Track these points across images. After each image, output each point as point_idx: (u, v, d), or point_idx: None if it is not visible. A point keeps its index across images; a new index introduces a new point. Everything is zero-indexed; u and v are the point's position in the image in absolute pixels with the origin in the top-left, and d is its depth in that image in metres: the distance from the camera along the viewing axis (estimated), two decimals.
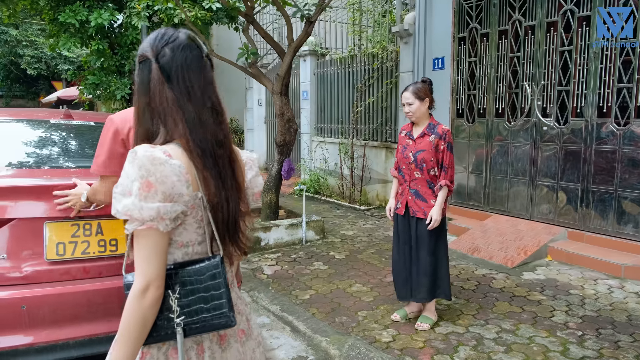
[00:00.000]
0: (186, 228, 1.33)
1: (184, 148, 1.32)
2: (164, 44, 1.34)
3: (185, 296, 1.30)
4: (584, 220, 5.32)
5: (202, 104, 1.35)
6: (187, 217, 1.32)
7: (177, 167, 1.27)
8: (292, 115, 6.07)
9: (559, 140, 5.50)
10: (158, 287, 1.25)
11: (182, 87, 1.33)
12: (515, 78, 5.96)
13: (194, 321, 1.30)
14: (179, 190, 1.27)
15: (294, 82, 10.65)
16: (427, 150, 3.49)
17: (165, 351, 1.33)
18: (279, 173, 6.08)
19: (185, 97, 1.33)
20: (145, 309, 1.24)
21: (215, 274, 1.32)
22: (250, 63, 5.87)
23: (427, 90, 3.58)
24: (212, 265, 1.32)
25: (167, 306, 1.29)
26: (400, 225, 3.70)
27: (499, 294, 4.32)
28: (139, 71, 1.36)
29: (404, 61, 7.29)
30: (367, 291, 4.45)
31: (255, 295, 4.48)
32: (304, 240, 5.96)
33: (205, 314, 1.31)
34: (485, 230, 5.86)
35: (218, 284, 1.31)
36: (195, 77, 1.35)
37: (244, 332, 1.49)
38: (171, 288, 1.29)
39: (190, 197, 1.29)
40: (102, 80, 10.49)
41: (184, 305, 1.30)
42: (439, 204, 3.47)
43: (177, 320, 1.29)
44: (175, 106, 1.32)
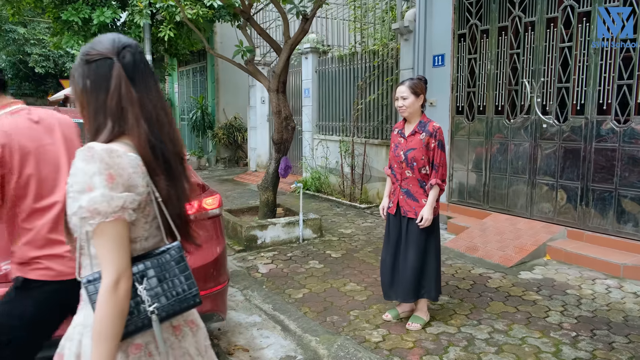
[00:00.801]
0: (134, 224, 1.35)
1: (135, 145, 1.35)
2: (123, 46, 1.39)
3: (153, 285, 1.36)
4: (583, 219, 5.24)
5: (157, 103, 1.42)
6: (137, 212, 1.35)
7: (134, 159, 1.33)
8: (289, 113, 6.03)
9: (559, 138, 5.42)
10: (129, 277, 1.30)
11: (142, 87, 1.39)
12: (515, 75, 5.88)
13: (166, 305, 1.37)
14: (135, 181, 1.32)
15: (296, 79, 10.63)
16: (418, 149, 3.44)
17: (125, 349, 1.34)
18: (276, 171, 6.06)
19: (146, 96, 1.39)
20: (121, 300, 1.27)
21: (178, 258, 1.40)
22: (247, 60, 5.84)
23: (423, 88, 3.52)
24: (174, 250, 1.40)
25: (136, 299, 1.33)
26: (392, 225, 3.66)
27: (494, 294, 4.26)
28: (91, 69, 1.37)
29: (404, 58, 7.23)
30: (360, 290, 4.41)
31: (249, 294, 4.46)
32: (301, 239, 5.93)
33: (176, 297, 1.38)
34: (484, 229, 5.80)
35: (184, 266, 1.41)
36: (151, 79, 1.43)
37: (194, 322, 1.55)
38: (137, 280, 1.34)
39: (144, 188, 1.34)
40: None
41: (154, 294, 1.35)
42: (429, 203, 3.42)
43: (150, 309, 1.33)
44: (138, 104, 1.36)
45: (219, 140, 13.62)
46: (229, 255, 5.46)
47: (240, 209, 6.79)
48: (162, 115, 1.41)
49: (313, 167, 9.48)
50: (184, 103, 16.53)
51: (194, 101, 14.92)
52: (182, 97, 16.76)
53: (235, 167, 14.05)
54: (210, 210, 3.11)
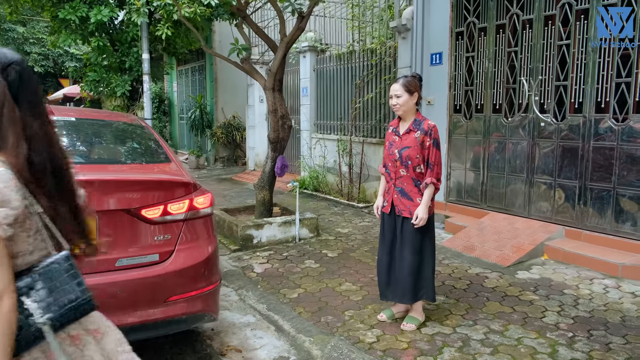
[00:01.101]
0: (14, 239, 1.34)
1: (11, 162, 1.34)
2: (8, 63, 1.38)
3: (43, 296, 1.36)
4: (581, 218, 5.20)
5: (42, 120, 1.43)
6: (15, 227, 1.33)
7: (3, 174, 1.30)
8: (285, 112, 6.00)
9: (557, 137, 5.38)
10: (11, 293, 1.28)
11: (27, 106, 1.39)
12: (512, 73, 5.84)
13: (60, 315, 1.36)
14: (7, 196, 1.29)
15: (294, 78, 10.59)
16: (413, 147, 3.40)
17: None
18: (273, 170, 6.02)
19: (30, 114, 1.39)
20: (7, 314, 1.26)
21: (67, 267, 1.40)
22: (242, 58, 5.80)
23: (417, 86, 3.47)
24: (62, 259, 1.40)
25: (25, 313, 1.32)
26: (386, 224, 3.62)
27: (491, 294, 4.22)
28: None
29: (402, 56, 7.19)
30: (356, 290, 4.38)
31: (244, 294, 4.43)
32: (298, 238, 5.89)
33: (69, 305, 1.38)
34: (481, 228, 5.76)
35: (74, 274, 1.41)
36: (37, 94, 1.44)
37: (98, 330, 1.55)
38: (24, 294, 1.34)
39: (19, 202, 1.32)
40: (102, 77, 10.50)
41: (46, 306, 1.35)
42: (424, 203, 3.38)
43: (42, 320, 1.33)
44: (21, 123, 1.36)
45: (218, 139, 13.59)
46: (224, 255, 5.43)
47: (237, 208, 6.76)
48: (46, 131, 1.42)
49: (311, 166, 9.44)
50: (182, 102, 16.49)
51: (192, 100, 14.89)
52: (181, 96, 16.73)
53: (234, 166, 14.01)
54: (201, 209, 3.07)
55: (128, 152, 3.45)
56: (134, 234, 2.80)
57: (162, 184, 2.95)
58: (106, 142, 3.51)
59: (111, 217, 2.73)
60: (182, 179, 3.02)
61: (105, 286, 2.65)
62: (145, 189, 2.85)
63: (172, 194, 2.94)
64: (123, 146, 3.53)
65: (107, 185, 2.73)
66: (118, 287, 2.69)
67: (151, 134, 3.75)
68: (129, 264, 2.76)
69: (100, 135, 3.57)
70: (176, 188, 2.97)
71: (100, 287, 2.64)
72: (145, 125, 3.94)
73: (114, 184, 2.77)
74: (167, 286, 2.86)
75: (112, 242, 2.72)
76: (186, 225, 2.99)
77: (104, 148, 3.40)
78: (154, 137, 3.71)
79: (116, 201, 2.74)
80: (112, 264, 2.72)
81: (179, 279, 2.91)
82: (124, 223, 2.76)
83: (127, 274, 2.74)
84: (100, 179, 2.72)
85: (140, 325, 2.76)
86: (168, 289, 2.86)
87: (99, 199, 2.67)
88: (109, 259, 2.71)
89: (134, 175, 2.92)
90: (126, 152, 3.43)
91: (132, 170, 3.04)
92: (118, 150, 3.42)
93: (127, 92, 10.70)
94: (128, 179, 2.86)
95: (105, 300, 2.65)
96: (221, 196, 9.20)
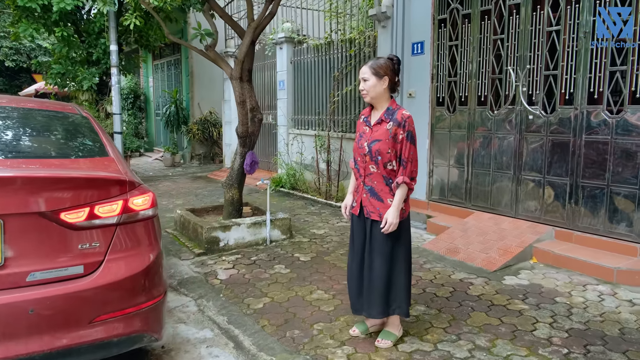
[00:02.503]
0: None
1: None
2: None
3: None
4: (572, 219, 4.83)
5: None
6: None
7: None
8: (256, 104, 5.54)
9: (546, 130, 5.00)
10: None
11: None
12: (499, 62, 5.45)
13: None
14: None
15: (270, 71, 10.11)
16: (383, 140, 2.96)
17: None
18: (242, 167, 5.56)
19: None
20: None
21: None
22: (207, 45, 5.33)
23: (389, 68, 3.02)
24: None
25: None
26: (355, 227, 3.18)
27: (476, 303, 3.82)
28: None
29: (381, 46, 6.77)
30: (328, 299, 3.94)
31: (203, 304, 3.97)
32: (269, 240, 5.44)
33: None
34: (465, 229, 5.37)
35: None
36: None
37: None
38: None
39: None
40: (67, 70, 9.90)
41: None
42: (395, 205, 2.94)
43: None
44: None
45: (194, 136, 13.06)
46: (187, 260, 4.96)
47: (205, 208, 6.28)
48: None
49: (288, 164, 8.99)
50: (158, 98, 15.90)
51: (168, 95, 14.33)
52: (157, 91, 16.13)
53: (211, 163, 13.49)
54: (140, 211, 2.61)
55: (56, 144, 2.95)
56: (50, 243, 2.32)
57: (88, 182, 2.47)
58: (31, 133, 3.01)
59: (21, 221, 2.25)
60: (115, 175, 2.55)
61: (11, 306, 2.18)
62: (66, 188, 2.37)
63: (102, 193, 2.47)
64: (51, 138, 3.04)
65: (15, 183, 2.25)
66: (29, 307, 2.22)
67: (90, 125, 3.27)
68: (44, 279, 2.29)
69: (25, 126, 3.07)
70: (107, 187, 2.50)
71: (6, 308, 2.17)
72: (87, 115, 3.45)
73: (25, 181, 2.29)
74: (94, 303, 2.39)
75: (22, 253, 2.25)
76: (120, 230, 2.52)
77: (26, 140, 2.90)
78: (93, 128, 3.23)
79: (28, 203, 2.26)
80: (22, 279, 2.25)
81: (109, 295, 2.44)
82: (37, 229, 2.28)
83: (41, 290, 2.26)
84: (5, 177, 2.24)
85: (59, 353, 2.29)
86: (95, 307, 2.39)
87: (5, 200, 2.20)
88: (17, 272, 2.23)
89: (51, 172, 2.43)
90: (54, 144, 2.94)
91: (53, 166, 2.55)
92: (43, 143, 2.92)
93: (94, 86, 10.11)
94: (43, 175, 2.37)
95: (11, 323, 2.19)
96: (193, 195, 8.70)
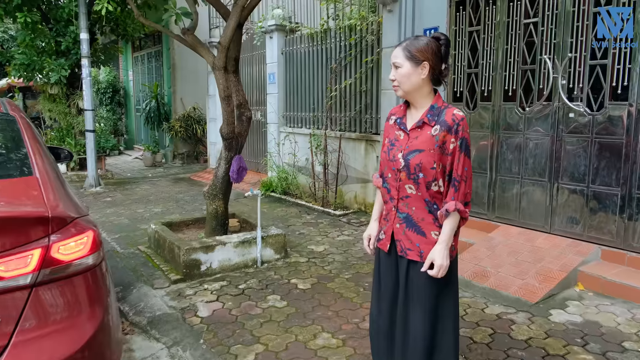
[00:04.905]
0: None
1: None
2: None
3: None
4: (624, 237, 4.05)
5: None
6: None
7: None
8: (243, 99, 4.67)
9: (591, 131, 4.20)
10: None
11: None
12: (531, 51, 4.63)
13: None
14: None
15: (259, 63, 9.23)
16: (427, 151, 2.10)
17: None
18: (227, 174, 4.69)
19: None
20: None
21: None
22: (184, 29, 4.43)
23: (431, 52, 2.14)
24: None
25: None
26: (383, 266, 2.33)
27: (526, 352, 3.01)
28: None
29: (387, 34, 5.93)
30: (337, 347, 3.11)
31: (178, 355, 3.11)
32: (260, 262, 4.59)
33: None
34: (492, 246, 4.56)
35: None
36: None
37: None
38: None
39: None
40: (32, 60, 8.91)
41: None
42: (444, 241, 2.09)
43: None
44: None
45: (176, 133, 12.12)
46: (161, 289, 4.09)
47: (185, 220, 5.38)
48: None
49: (279, 165, 8.12)
50: (139, 92, 14.90)
51: (148, 90, 13.35)
52: (137, 85, 15.14)
53: (195, 163, 12.57)
54: (72, 261, 1.74)
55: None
56: None
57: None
58: None
59: None
60: (28, 210, 1.68)
61: None
62: None
63: (7, 239, 1.60)
64: None
65: None
66: None
67: (16, 129, 2.38)
68: None
69: None
70: (15, 228, 1.63)
71: None
72: (14, 114, 2.56)
73: None
74: None
75: None
76: (38, 294, 1.66)
77: None
78: (19, 133, 2.35)
79: None
80: None
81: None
82: None
83: None
84: None
85: None
86: None
87: None
88: None
89: None
90: None
91: None
92: None
93: (64, 79, 9.14)
94: None
95: None
96: (173, 201, 7.80)
